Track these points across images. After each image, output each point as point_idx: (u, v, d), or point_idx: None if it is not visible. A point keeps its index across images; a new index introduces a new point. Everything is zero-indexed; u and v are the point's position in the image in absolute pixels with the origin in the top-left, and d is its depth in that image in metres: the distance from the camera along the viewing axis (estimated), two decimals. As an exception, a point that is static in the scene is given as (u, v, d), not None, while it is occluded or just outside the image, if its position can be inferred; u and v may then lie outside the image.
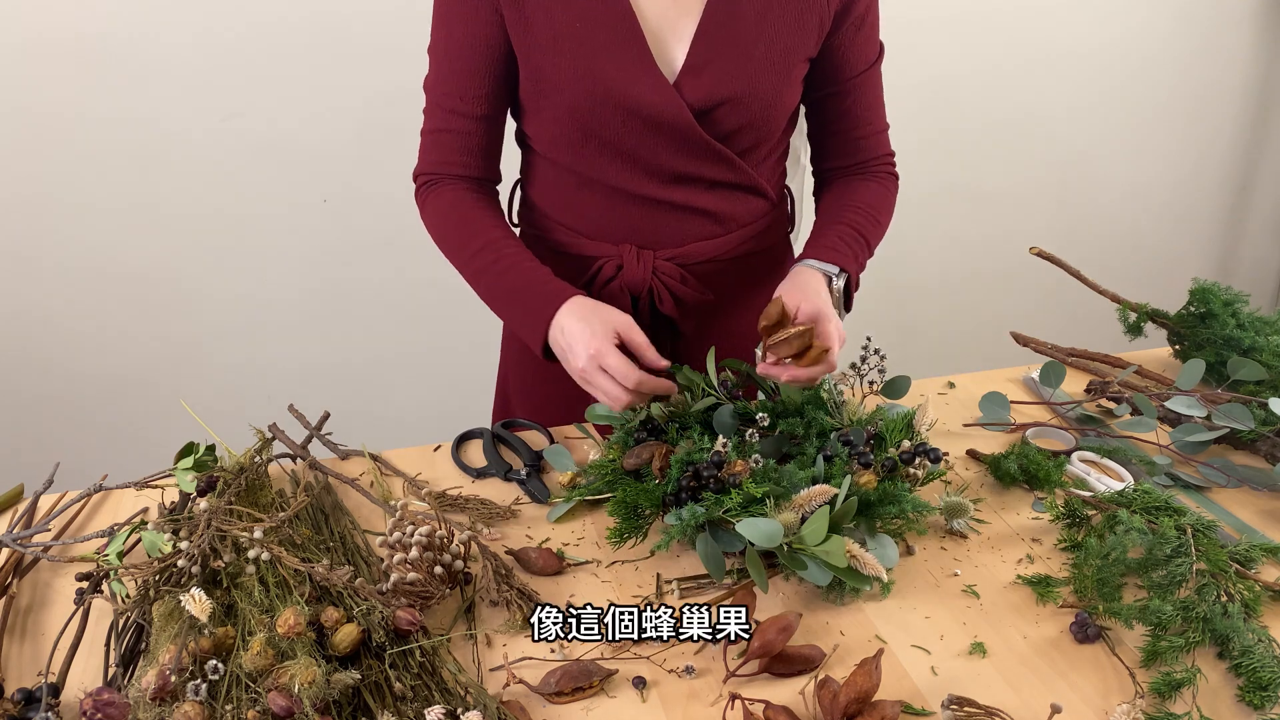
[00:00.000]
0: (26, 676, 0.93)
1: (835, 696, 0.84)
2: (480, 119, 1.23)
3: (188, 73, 2.06)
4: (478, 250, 1.21)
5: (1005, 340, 1.52)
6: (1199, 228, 3.05)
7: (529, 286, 1.17)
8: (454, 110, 1.22)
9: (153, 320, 2.27)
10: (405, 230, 2.27)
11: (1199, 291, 1.42)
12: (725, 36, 1.17)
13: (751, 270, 1.34)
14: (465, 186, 1.25)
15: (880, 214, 1.31)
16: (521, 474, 1.20)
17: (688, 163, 1.22)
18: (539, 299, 1.15)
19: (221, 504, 0.98)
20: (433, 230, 1.26)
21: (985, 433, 1.32)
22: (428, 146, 1.26)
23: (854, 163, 1.33)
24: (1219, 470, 1.21)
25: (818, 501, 0.98)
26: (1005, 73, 2.61)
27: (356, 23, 2.10)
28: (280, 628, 0.83)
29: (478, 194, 1.26)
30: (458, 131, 1.23)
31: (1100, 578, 0.99)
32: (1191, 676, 0.89)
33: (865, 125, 1.31)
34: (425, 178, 1.27)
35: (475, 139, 1.24)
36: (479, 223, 1.23)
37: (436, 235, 1.26)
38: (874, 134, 1.32)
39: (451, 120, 1.23)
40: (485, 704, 0.84)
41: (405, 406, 2.47)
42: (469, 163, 1.25)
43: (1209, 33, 2.73)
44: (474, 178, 1.26)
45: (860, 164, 1.33)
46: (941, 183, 2.64)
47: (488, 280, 1.20)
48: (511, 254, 1.20)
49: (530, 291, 1.17)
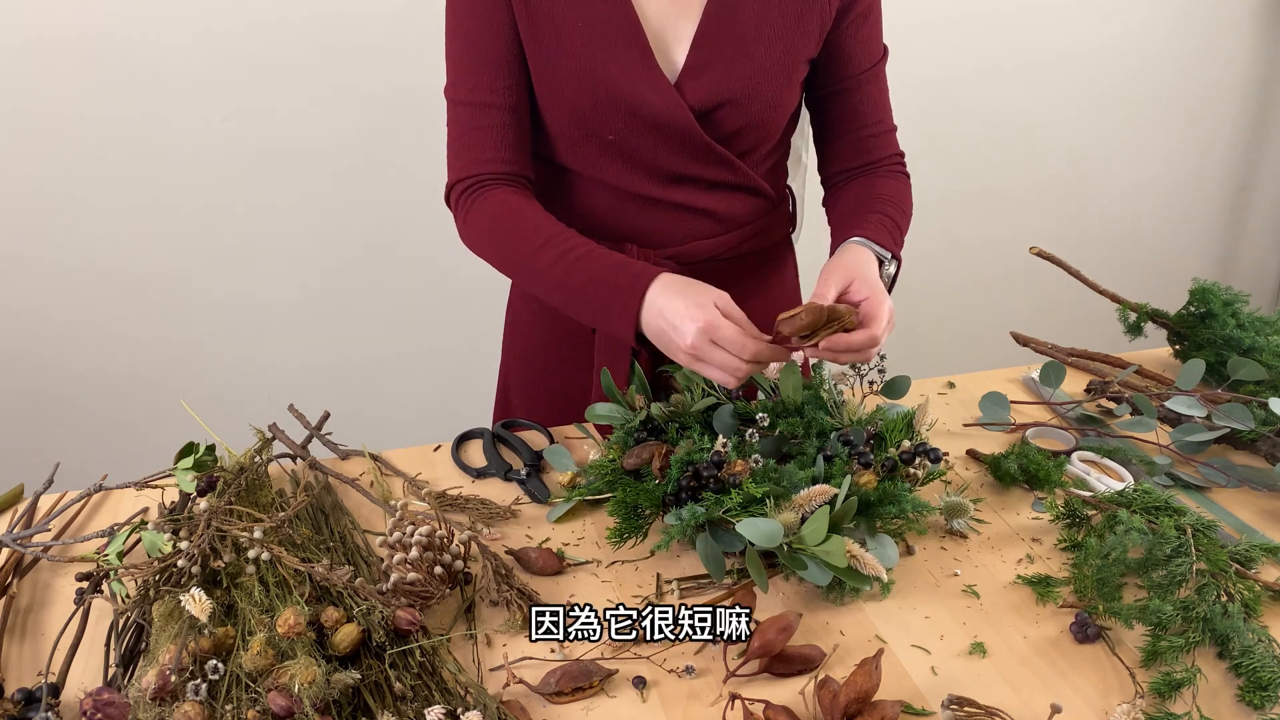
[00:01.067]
0: (26, 676, 0.93)
1: (835, 696, 0.84)
2: (511, 109, 1.19)
3: (188, 73, 2.06)
4: (541, 246, 1.14)
5: (1005, 340, 1.52)
6: (1199, 228, 3.05)
7: (610, 272, 1.10)
8: (485, 104, 1.19)
9: (153, 320, 2.27)
10: (407, 230, 2.29)
11: (1199, 291, 1.42)
12: (725, 38, 1.17)
13: (753, 269, 1.34)
14: (509, 188, 1.20)
15: (905, 207, 1.28)
16: (521, 474, 1.21)
17: (688, 163, 1.22)
18: (624, 282, 1.08)
19: (221, 504, 0.98)
20: (482, 237, 1.20)
21: (985, 433, 1.32)
22: (459, 150, 1.22)
23: (864, 164, 1.32)
24: (1219, 470, 1.21)
25: (818, 501, 0.98)
26: (1005, 73, 2.61)
27: (357, 23, 2.10)
28: (280, 628, 0.83)
29: (523, 194, 1.21)
30: (491, 126, 1.20)
31: (1100, 578, 0.99)
32: (1191, 676, 0.89)
33: (874, 124, 1.30)
34: (465, 184, 1.21)
35: (509, 131, 1.20)
36: (538, 220, 1.17)
37: (487, 241, 1.20)
38: (883, 133, 1.31)
39: (483, 115, 1.19)
40: (485, 704, 0.84)
41: (405, 406, 2.47)
42: (507, 157, 1.21)
43: (1209, 33, 2.74)
44: (513, 174, 1.22)
45: (871, 164, 1.32)
46: (942, 183, 2.64)
47: (559, 274, 1.13)
48: (581, 244, 1.13)
49: (612, 277, 1.09)
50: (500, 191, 1.20)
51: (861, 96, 1.28)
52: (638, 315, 1.07)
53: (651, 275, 1.08)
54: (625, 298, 1.07)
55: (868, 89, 1.28)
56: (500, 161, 1.21)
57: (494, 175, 1.21)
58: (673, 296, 1.05)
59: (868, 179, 1.31)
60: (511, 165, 1.21)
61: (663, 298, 1.05)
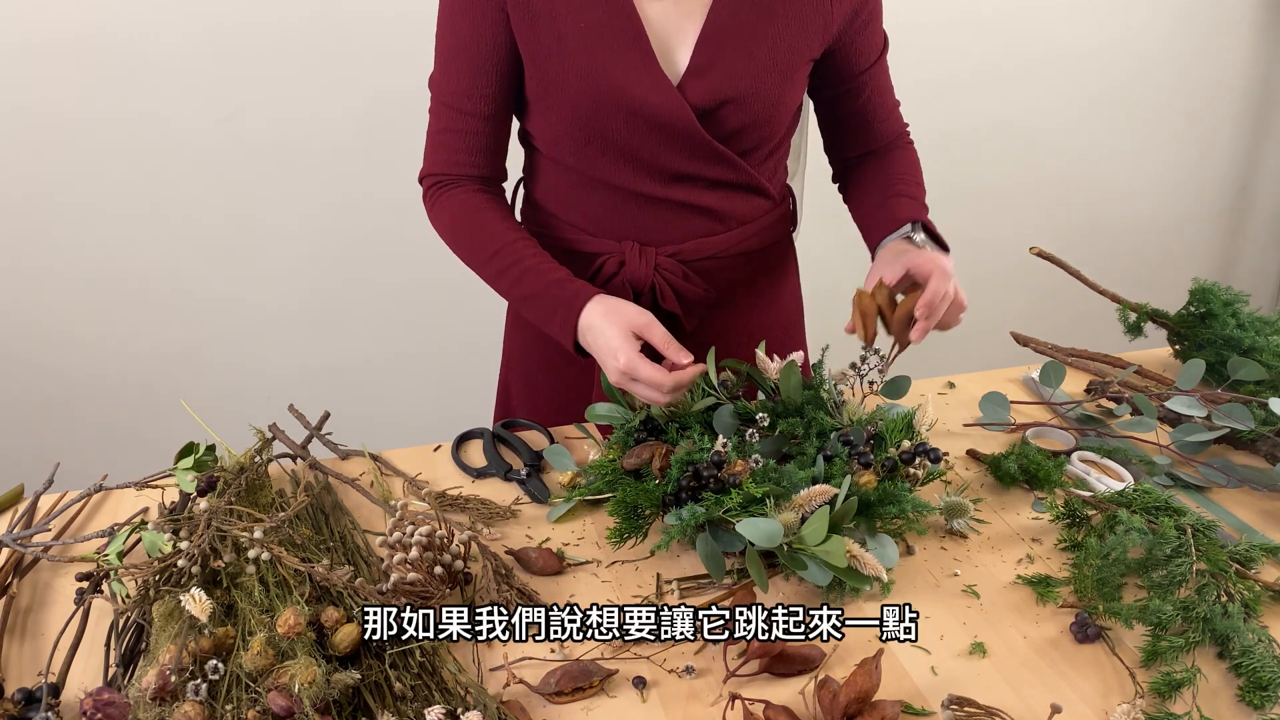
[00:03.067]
0: (26, 676, 0.93)
1: (835, 696, 0.84)
2: (487, 118, 1.23)
3: (187, 72, 2.06)
4: (493, 255, 1.21)
5: (1005, 340, 1.52)
6: (1199, 228, 3.05)
7: (546, 291, 1.17)
8: (460, 110, 1.22)
9: (153, 320, 2.27)
10: (406, 230, 2.28)
11: (1199, 291, 1.42)
12: (728, 38, 1.18)
13: (753, 268, 1.35)
14: (474, 188, 1.25)
15: (916, 174, 1.35)
16: (521, 474, 1.21)
17: (690, 163, 1.22)
18: (560, 304, 1.16)
19: (221, 504, 0.98)
20: (444, 233, 1.26)
21: (985, 433, 1.32)
22: (434, 147, 1.26)
23: (875, 147, 1.37)
24: (1219, 470, 1.21)
25: (818, 501, 0.98)
26: (1005, 73, 2.61)
27: (357, 23, 2.10)
28: (280, 628, 0.83)
29: (487, 194, 1.26)
30: (464, 131, 1.23)
31: (1100, 578, 0.99)
32: (1191, 676, 0.89)
33: (880, 110, 1.35)
34: (433, 179, 1.26)
35: (482, 138, 1.24)
36: (492, 226, 1.22)
37: (449, 238, 1.26)
38: (888, 114, 1.36)
39: (458, 120, 1.23)
40: (485, 704, 0.84)
41: (405, 407, 2.46)
42: (476, 162, 1.25)
43: (1209, 33, 2.73)
44: (481, 176, 1.26)
45: (881, 146, 1.37)
46: (942, 183, 2.62)
47: (506, 284, 1.21)
48: (529, 257, 1.20)
49: (548, 296, 1.17)
50: (464, 192, 1.25)
51: (870, 90, 1.32)
52: (574, 334, 1.15)
53: (584, 300, 1.14)
54: (562, 320, 1.15)
55: (874, 81, 1.32)
56: (470, 165, 1.25)
57: (462, 176, 1.25)
58: (595, 333, 1.12)
59: (879, 160, 1.36)
60: (481, 169, 1.26)
61: (590, 331, 1.13)
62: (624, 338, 1.09)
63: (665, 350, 1.10)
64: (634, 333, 1.10)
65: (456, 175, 1.25)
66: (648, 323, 1.11)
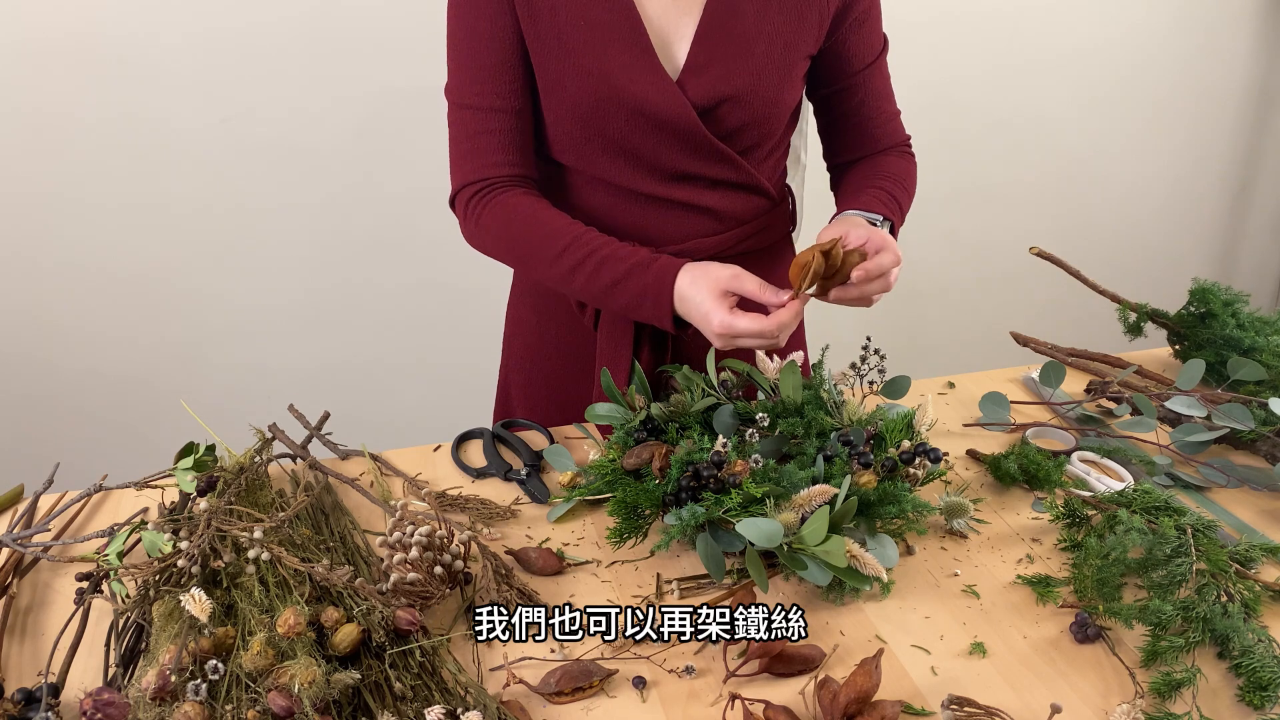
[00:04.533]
0: (26, 676, 0.93)
1: (835, 696, 0.84)
2: (518, 113, 1.20)
3: (187, 73, 2.06)
4: (562, 251, 1.17)
5: (1005, 340, 1.52)
6: (1199, 228, 3.05)
7: (631, 276, 1.14)
8: (490, 108, 1.19)
9: (152, 320, 2.27)
10: (407, 230, 2.29)
11: (1199, 291, 1.42)
12: (726, 35, 1.18)
13: (753, 267, 1.34)
14: (520, 189, 1.22)
15: (907, 182, 1.32)
16: (521, 474, 1.21)
17: (690, 161, 1.22)
18: (649, 288, 1.13)
19: (221, 504, 0.98)
20: (495, 241, 1.22)
21: (985, 433, 1.32)
22: (465, 154, 1.22)
23: (872, 153, 1.35)
24: (1219, 470, 1.21)
25: (818, 501, 0.98)
26: (1005, 73, 2.61)
27: (357, 23, 2.10)
28: (280, 628, 0.83)
29: (533, 195, 1.22)
30: (496, 130, 1.20)
31: (1100, 578, 0.99)
32: (1191, 676, 0.89)
33: (878, 114, 1.33)
34: (471, 188, 1.21)
35: (515, 134, 1.21)
36: (553, 222, 1.19)
37: (502, 245, 1.22)
38: (887, 121, 1.34)
39: (488, 120, 1.20)
40: (485, 704, 0.84)
41: (405, 406, 2.47)
42: (513, 160, 1.21)
43: (1209, 33, 2.74)
44: (521, 176, 1.23)
45: (878, 152, 1.35)
46: (942, 183, 2.64)
47: (583, 279, 1.16)
48: (602, 246, 1.16)
49: (634, 281, 1.14)
50: (511, 194, 1.21)
51: (866, 91, 1.30)
52: (671, 312, 1.13)
53: (671, 277, 1.12)
54: (654, 299, 1.13)
55: (871, 83, 1.30)
56: (508, 165, 1.21)
57: (502, 179, 1.21)
58: (689, 300, 1.11)
59: (873, 159, 1.34)
60: (518, 168, 1.22)
61: (683, 303, 1.11)
62: (714, 300, 1.08)
63: (760, 298, 1.09)
64: (724, 290, 1.09)
65: (496, 178, 1.21)
66: (734, 275, 1.10)
